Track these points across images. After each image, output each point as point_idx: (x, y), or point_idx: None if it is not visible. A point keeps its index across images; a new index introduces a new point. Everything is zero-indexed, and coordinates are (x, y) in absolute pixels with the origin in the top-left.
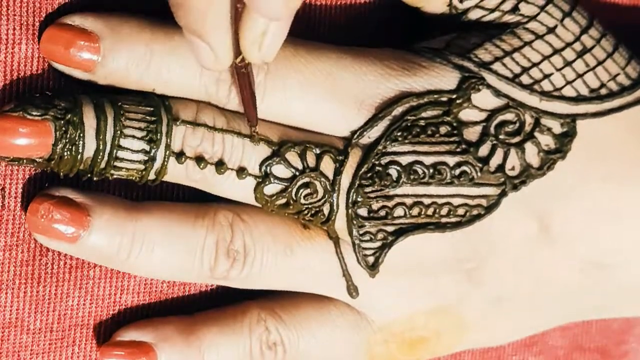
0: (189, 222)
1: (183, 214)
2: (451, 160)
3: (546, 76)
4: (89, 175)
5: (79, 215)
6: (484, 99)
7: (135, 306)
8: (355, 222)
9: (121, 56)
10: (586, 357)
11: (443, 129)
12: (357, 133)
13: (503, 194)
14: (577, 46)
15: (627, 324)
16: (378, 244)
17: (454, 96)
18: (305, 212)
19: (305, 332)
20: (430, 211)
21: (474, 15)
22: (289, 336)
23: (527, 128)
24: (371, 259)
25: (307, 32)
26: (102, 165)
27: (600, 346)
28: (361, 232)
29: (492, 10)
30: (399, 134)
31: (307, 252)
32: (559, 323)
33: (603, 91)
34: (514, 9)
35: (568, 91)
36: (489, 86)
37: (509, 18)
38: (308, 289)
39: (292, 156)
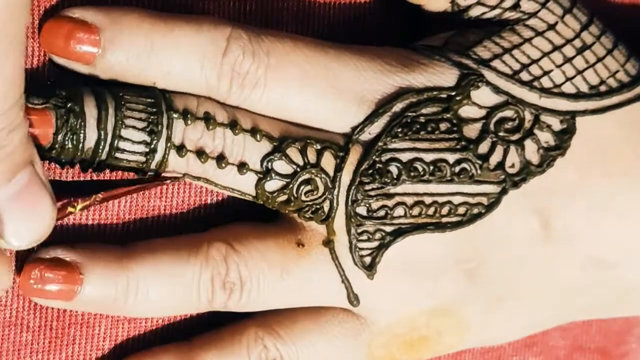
0: (181, 260)
1: (175, 252)
2: (451, 157)
3: (546, 73)
4: (90, 166)
5: (72, 275)
6: (483, 96)
7: None
8: (353, 220)
9: (122, 48)
10: (586, 357)
11: (443, 126)
12: (358, 129)
13: (503, 191)
14: (577, 43)
15: (627, 324)
16: (375, 243)
17: (453, 93)
18: (306, 209)
19: (304, 345)
20: (431, 211)
21: (475, 12)
22: (288, 351)
23: (527, 125)
24: (368, 259)
25: (307, 31)
26: (104, 156)
27: (600, 347)
28: (359, 230)
29: (493, 8)
30: (399, 130)
31: (303, 269)
32: (560, 322)
33: (602, 88)
34: (515, 6)
35: (568, 88)
36: (488, 83)
37: (509, 15)
38: (308, 304)
39: (293, 152)
